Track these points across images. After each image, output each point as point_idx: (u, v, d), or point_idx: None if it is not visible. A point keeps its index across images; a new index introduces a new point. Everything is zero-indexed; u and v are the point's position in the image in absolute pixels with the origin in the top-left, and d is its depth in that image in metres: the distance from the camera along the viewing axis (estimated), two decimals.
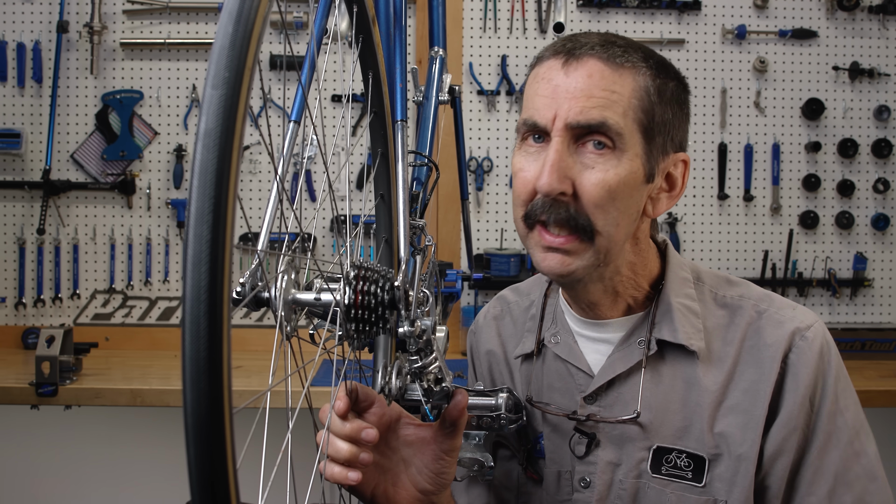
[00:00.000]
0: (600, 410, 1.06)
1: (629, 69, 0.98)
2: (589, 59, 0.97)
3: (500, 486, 1.16)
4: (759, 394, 1.00)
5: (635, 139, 0.97)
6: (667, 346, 1.05)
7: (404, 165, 0.98)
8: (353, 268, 0.79)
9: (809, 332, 1.02)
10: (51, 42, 2.75)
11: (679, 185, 1.04)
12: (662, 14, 2.82)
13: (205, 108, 0.50)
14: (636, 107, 0.97)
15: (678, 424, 1.02)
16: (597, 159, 0.96)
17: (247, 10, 0.53)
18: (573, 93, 0.96)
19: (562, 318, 1.13)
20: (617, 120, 0.95)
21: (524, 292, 1.24)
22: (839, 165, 2.85)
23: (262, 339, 2.68)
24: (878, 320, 2.86)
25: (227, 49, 0.52)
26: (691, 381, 1.03)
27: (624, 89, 0.97)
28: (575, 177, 0.96)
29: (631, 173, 0.97)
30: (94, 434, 2.74)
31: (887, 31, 2.84)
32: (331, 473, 0.89)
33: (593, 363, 1.08)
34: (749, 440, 0.99)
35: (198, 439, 0.48)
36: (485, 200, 2.81)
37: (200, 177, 0.49)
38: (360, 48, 0.90)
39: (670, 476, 1.01)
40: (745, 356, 1.03)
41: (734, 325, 1.05)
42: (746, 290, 1.09)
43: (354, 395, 0.92)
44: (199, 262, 0.48)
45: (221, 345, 0.48)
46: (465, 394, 0.97)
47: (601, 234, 0.97)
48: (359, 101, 2.55)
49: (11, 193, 2.76)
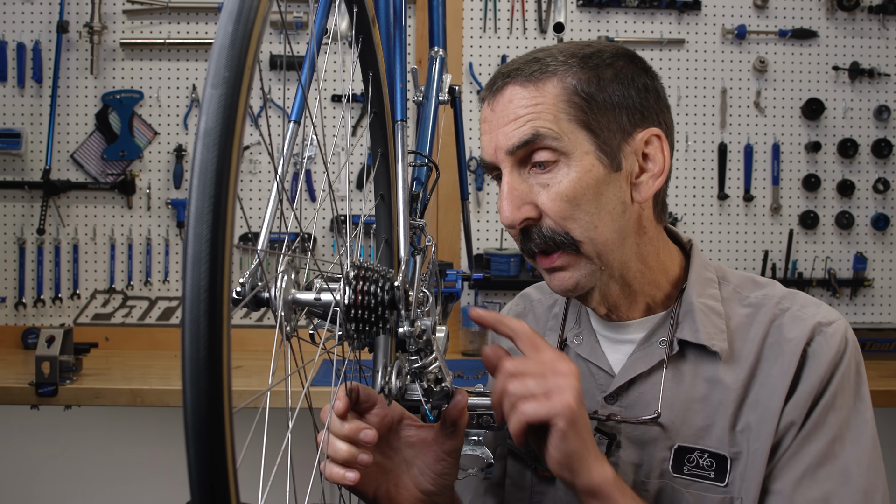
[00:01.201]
0: (621, 410, 1.05)
1: (547, 78, 0.98)
2: (507, 87, 1.00)
3: (514, 486, 1.16)
4: (777, 387, 0.99)
5: (579, 137, 0.96)
6: (688, 346, 1.04)
7: (404, 165, 0.99)
8: (353, 268, 0.79)
9: (831, 328, 1.01)
10: (51, 42, 2.75)
11: (659, 161, 1.01)
12: (662, 14, 2.82)
13: (205, 107, 0.51)
14: (565, 108, 0.97)
15: (700, 424, 1.02)
16: (548, 176, 0.97)
17: (247, 10, 0.53)
18: (501, 122, 0.99)
19: (585, 319, 1.13)
20: (549, 126, 0.96)
21: (548, 291, 1.23)
22: (839, 165, 2.85)
23: (262, 339, 2.68)
24: (878, 320, 2.86)
25: (226, 48, 0.52)
26: (713, 380, 1.02)
27: (546, 98, 0.97)
28: (535, 199, 0.98)
29: (586, 173, 0.96)
30: (94, 434, 2.74)
31: (887, 31, 2.84)
32: (330, 473, 0.89)
33: (615, 363, 1.08)
34: (765, 433, 0.98)
35: (198, 440, 0.48)
36: (485, 200, 2.81)
37: (200, 176, 0.49)
38: (360, 48, 0.90)
39: (692, 476, 1.01)
40: (767, 353, 1.02)
41: (756, 322, 1.04)
42: (771, 289, 1.08)
43: (355, 395, 0.92)
44: (198, 262, 0.48)
45: (221, 345, 0.48)
46: (465, 394, 0.97)
47: (583, 241, 0.97)
48: (359, 101, 2.55)
49: (11, 193, 2.76)
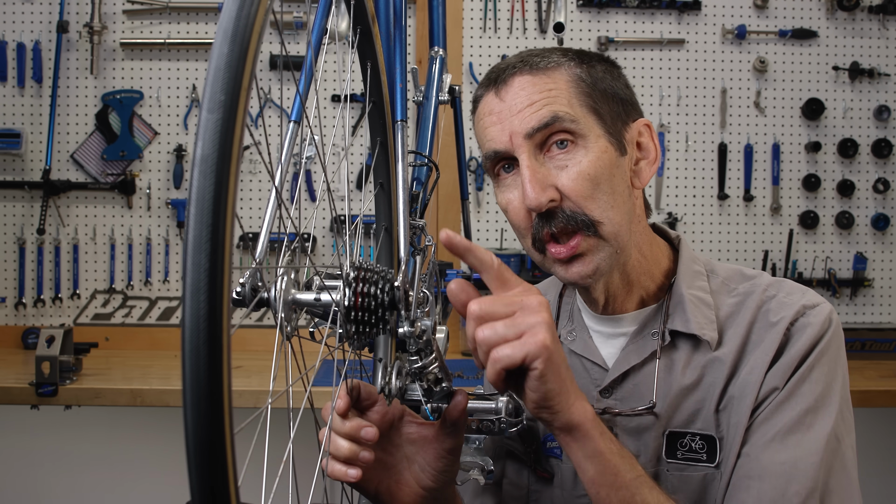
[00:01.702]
0: (616, 403, 1.07)
1: (553, 68, 1.02)
2: (514, 77, 1.02)
3: (511, 485, 1.16)
4: (758, 364, 1.01)
5: (590, 121, 1.00)
6: (680, 337, 1.06)
7: (404, 165, 0.99)
8: (353, 268, 0.79)
9: (815, 309, 1.03)
10: (51, 42, 2.75)
11: (652, 149, 1.07)
12: (662, 14, 2.82)
13: (201, 132, 0.50)
14: (577, 93, 1.01)
15: (691, 409, 1.03)
16: (566, 156, 0.99)
17: (242, 29, 0.52)
18: (516, 108, 1.00)
19: (578, 316, 1.15)
20: (566, 109, 0.99)
21: (541, 291, 1.24)
22: (839, 165, 2.85)
23: (262, 339, 2.68)
24: (878, 320, 2.86)
25: (222, 71, 0.51)
26: (704, 368, 1.04)
27: (558, 84, 1.01)
28: (555, 181, 0.99)
29: (603, 153, 1.00)
30: (94, 434, 2.74)
31: (887, 31, 2.84)
32: (332, 471, 0.90)
33: (608, 357, 1.10)
34: (745, 406, 1.00)
35: (199, 458, 0.48)
36: (485, 200, 2.81)
37: (197, 204, 0.49)
38: (358, 39, 0.90)
39: (686, 459, 1.02)
40: (754, 336, 1.04)
41: (745, 308, 1.06)
42: (759, 278, 1.10)
43: (356, 393, 0.92)
44: (197, 292, 0.48)
45: (221, 375, 0.48)
46: (464, 394, 0.98)
47: (602, 222, 0.99)
48: (359, 101, 2.55)
49: (11, 193, 2.76)
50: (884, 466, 2.79)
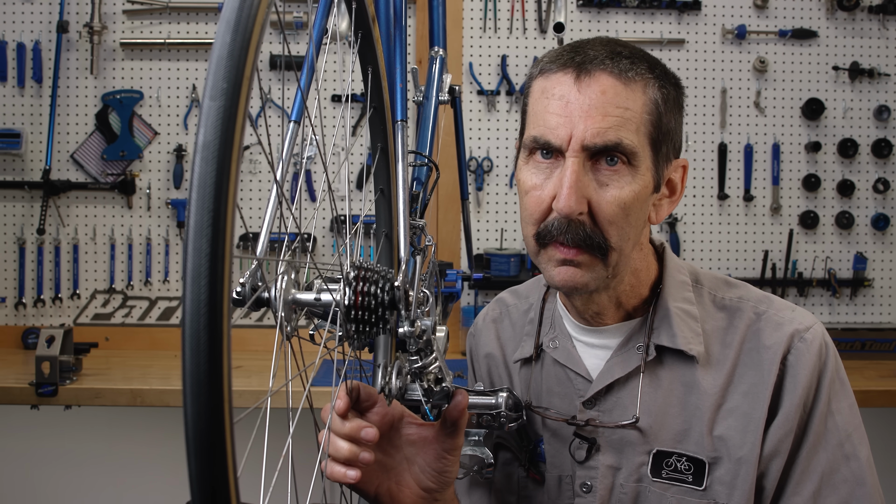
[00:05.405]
0: (600, 415, 1.06)
1: (639, 83, 0.98)
2: (600, 73, 0.96)
3: (502, 488, 1.16)
4: (758, 396, 1.00)
5: (646, 153, 0.98)
6: (665, 351, 1.05)
7: (404, 165, 0.98)
8: (353, 268, 0.79)
9: (808, 334, 1.02)
10: (51, 42, 2.74)
11: (679, 190, 1.06)
12: (662, 14, 2.82)
13: (203, 119, 0.50)
14: (647, 121, 0.97)
15: (678, 428, 1.03)
16: (612, 176, 0.96)
17: (245, 19, 0.53)
18: (588, 111, 0.95)
19: (560, 323, 1.13)
20: (631, 139, 0.96)
21: (523, 295, 1.24)
22: (839, 165, 2.85)
23: (262, 339, 2.68)
24: (878, 320, 2.86)
25: (224, 59, 0.51)
26: (690, 384, 1.03)
27: (636, 105, 0.97)
28: (591, 195, 0.96)
29: (644, 188, 0.98)
30: (94, 434, 2.74)
31: (887, 31, 2.84)
32: (331, 472, 0.89)
33: (592, 368, 1.09)
34: (749, 443, 0.99)
35: (198, 446, 0.48)
36: (485, 200, 2.81)
37: (199, 189, 0.49)
38: (359, 43, 0.90)
39: (671, 480, 1.02)
40: (745, 358, 1.03)
41: (733, 327, 1.05)
42: (745, 291, 1.09)
43: (356, 394, 0.92)
44: (198, 277, 0.48)
45: (222, 360, 0.48)
46: (465, 394, 0.98)
47: (614, 249, 0.98)
48: (359, 101, 2.55)
49: (11, 193, 2.76)
50: (884, 466, 2.78)
